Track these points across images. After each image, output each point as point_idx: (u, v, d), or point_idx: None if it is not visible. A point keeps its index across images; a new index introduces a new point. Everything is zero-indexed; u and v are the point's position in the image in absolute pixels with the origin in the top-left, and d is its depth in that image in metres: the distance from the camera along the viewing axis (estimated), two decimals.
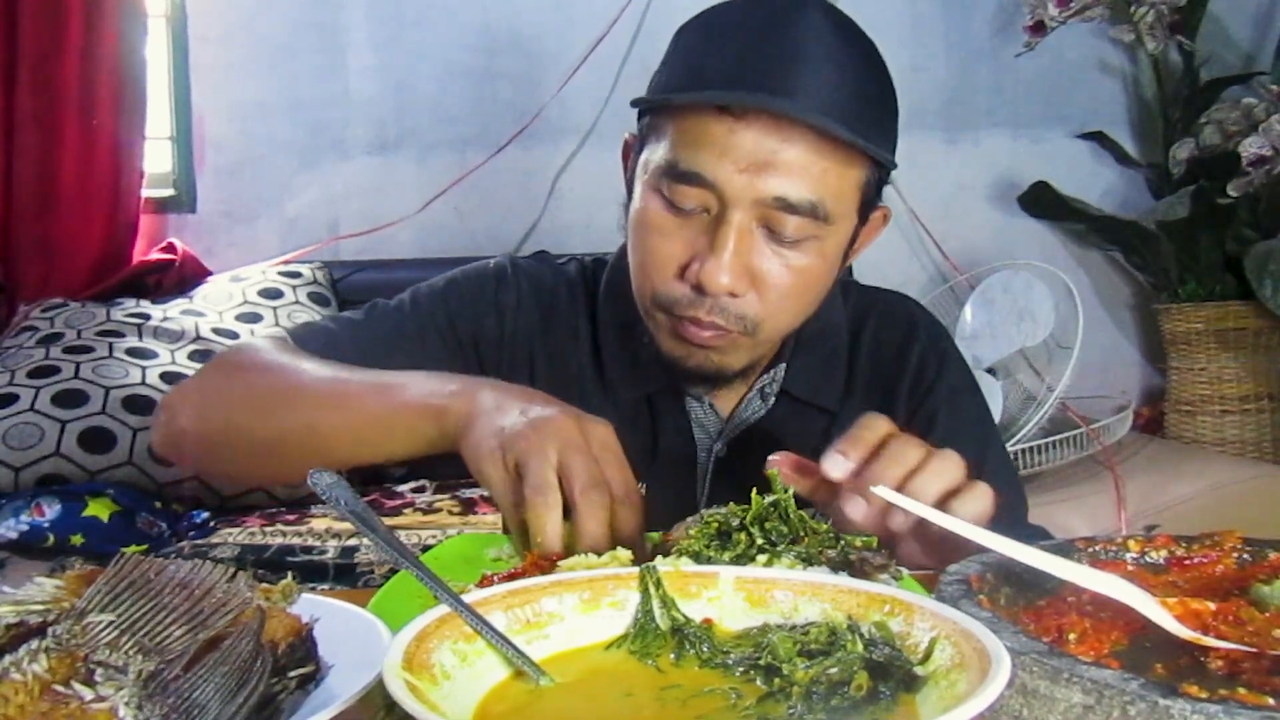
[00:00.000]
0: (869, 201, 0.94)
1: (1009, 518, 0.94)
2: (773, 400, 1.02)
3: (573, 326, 1.04)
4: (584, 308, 1.05)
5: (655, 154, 0.90)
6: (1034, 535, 1.01)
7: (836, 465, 0.73)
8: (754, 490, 0.69)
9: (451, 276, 1.06)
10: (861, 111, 0.88)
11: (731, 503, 0.70)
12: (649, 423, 1.02)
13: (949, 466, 0.73)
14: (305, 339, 0.99)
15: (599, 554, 0.67)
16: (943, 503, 0.71)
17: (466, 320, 1.03)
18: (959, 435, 0.99)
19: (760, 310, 0.89)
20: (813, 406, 1.02)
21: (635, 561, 0.64)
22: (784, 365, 1.02)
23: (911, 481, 0.72)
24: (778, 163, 0.85)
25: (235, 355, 1.00)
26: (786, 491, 0.68)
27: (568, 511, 0.72)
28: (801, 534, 0.65)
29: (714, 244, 0.86)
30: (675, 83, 0.90)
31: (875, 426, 0.76)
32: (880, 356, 1.06)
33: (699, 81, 0.87)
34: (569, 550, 0.69)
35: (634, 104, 0.94)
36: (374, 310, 1.04)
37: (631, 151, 0.98)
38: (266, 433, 0.89)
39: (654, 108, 0.92)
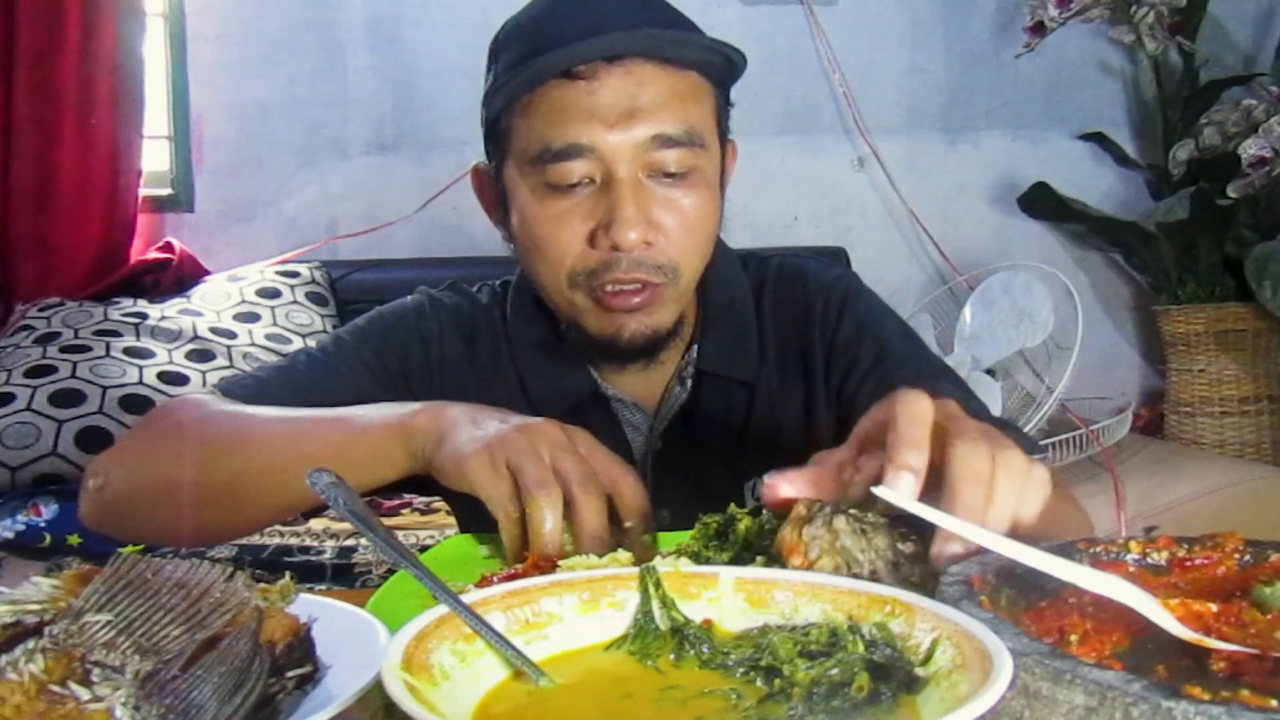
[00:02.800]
0: (724, 128, 0.97)
1: (972, 416, 0.86)
2: (691, 384, 1.02)
3: (494, 350, 1.04)
4: (501, 330, 1.05)
5: (522, 153, 0.91)
6: (1002, 429, 0.92)
7: (901, 486, 0.59)
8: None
9: (370, 316, 1.06)
10: (682, 23, 0.92)
11: (732, 504, 0.70)
12: None
13: (1014, 465, 0.61)
14: (235, 391, 0.96)
15: (599, 555, 0.67)
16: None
17: (393, 353, 1.01)
18: (887, 359, 1.01)
19: (673, 253, 0.91)
20: (731, 380, 1.02)
21: (636, 561, 0.64)
22: (696, 346, 1.02)
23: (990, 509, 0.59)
24: (642, 106, 0.87)
25: (166, 412, 0.95)
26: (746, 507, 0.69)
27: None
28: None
29: (613, 205, 0.88)
30: (513, 78, 0.90)
31: (918, 415, 0.61)
32: (784, 316, 1.06)
33: (535, 62, 0.88)
34: (560, 553, 0.69)
35: (488, 115, 0.94)
36: (300, 356, 1.03)
37: (484, 179, 1.00)
38: (218, 480, 0.86)
39: (502, 113, 0.93)
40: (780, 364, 1.04)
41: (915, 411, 0.61)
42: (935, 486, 0.60)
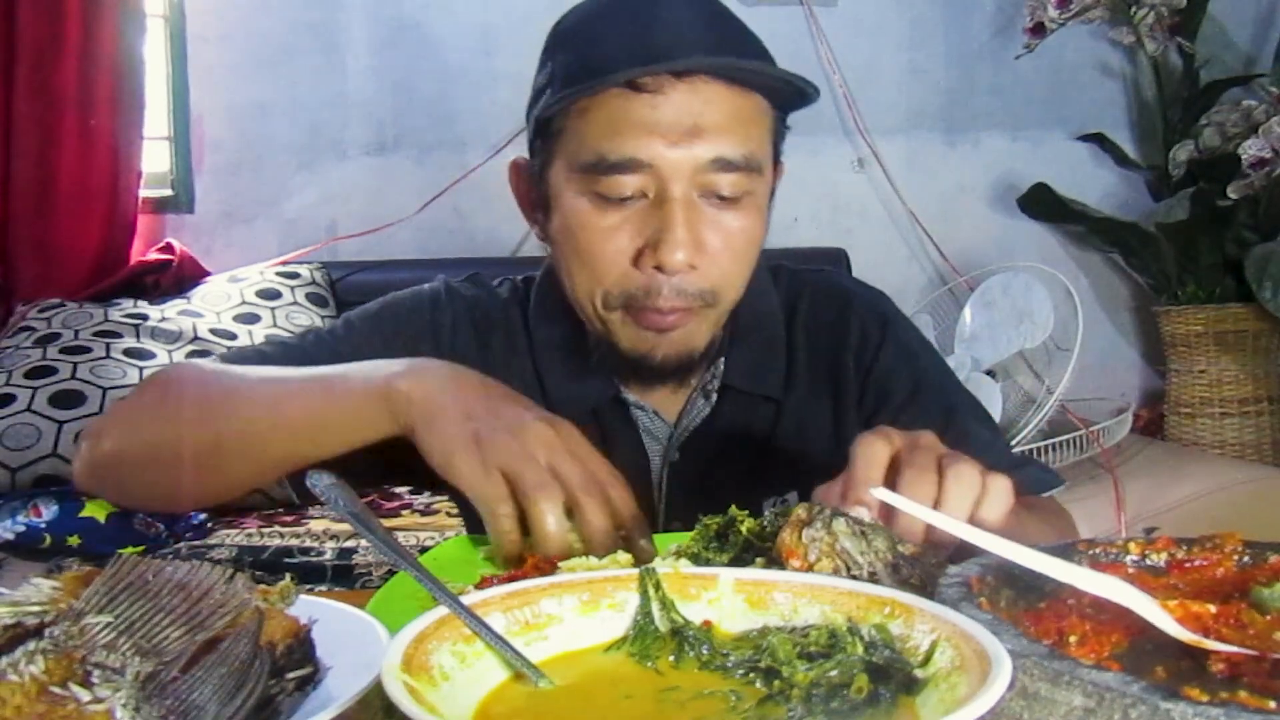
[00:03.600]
0: (778, 149, 0.95)
1: (995, 452, 0.94)
2: (715, 397, 1.00)
3: (511, 346, 1.02)
4: (520, 327, 1.03)
5: (573, 157, 0.88)
6: (1022, 464, 1.01)
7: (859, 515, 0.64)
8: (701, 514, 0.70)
9: (385, 301, 1.04)
10: (753, 46, 0.89)
11: (733, 506, 0.70)
12: (598, 438, 0.97)
13: (965, 476, 0.67)
14: (238, 361, 0.96)
15: (599, 556, 0.67)
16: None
17: (402, 344, 0.98)
18: (921, 393, 1.00)
19: (716, 277, 0.89)
20: (757, 396, 1.00)
21: (636, 561, 0.64)
22: (723, 359, 1.00)
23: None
24: (704, 126, 0.84)
25: (164, 374, 0.97)
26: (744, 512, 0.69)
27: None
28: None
29: (664, 224, 0.85)
30: (575, 81, 0.87)
31: (872, 457, 0.69)
32: (818, 335, 1.04)
33: (601, 70, 0.85)
34: (565, 553, 0.69)
35: (540, 115, 0.90)
36: (308, 335, 1.03)
37: (522, 174, 0.97)
38: (199, 442, 0.86)
39: (554, 117, 0.89)
40: (810, 382, 1.02)
41: (870, 454, 0.69)
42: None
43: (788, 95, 0.90)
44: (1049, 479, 1.02)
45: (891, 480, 0.67)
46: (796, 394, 1.01)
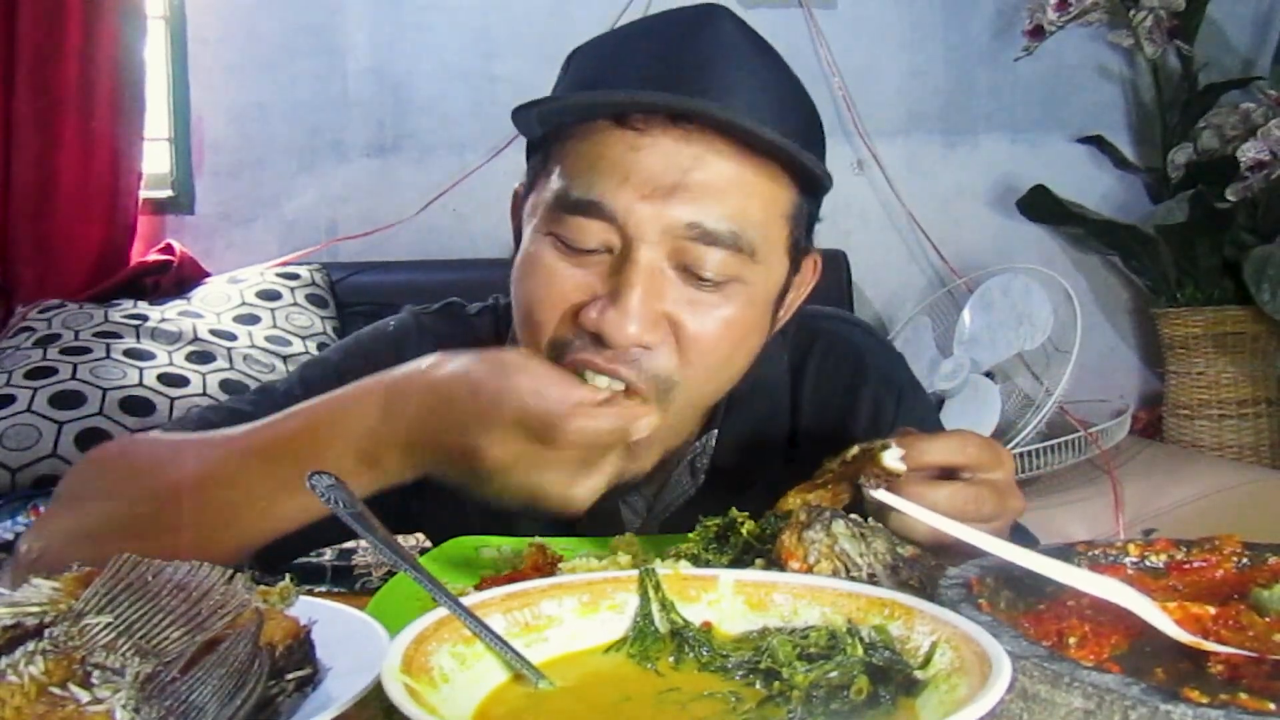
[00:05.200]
0: (799, 241, 0.81)
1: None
2: (703, 478, 0.88)
3: None
4: None
5: (545, 190, 0.76)
6: (1021, 535, 0.98)
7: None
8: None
9: (346, 347, 0.93)
10: (787, 120, 0.75)
11: (733, 508, 0.70)
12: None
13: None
14: (181, 429, 0.86)
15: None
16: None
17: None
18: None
19: (677, 367, 0.75)
20: (751, 477, 0.87)
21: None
22: (714, 433, 0.88)
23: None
24: (689, 184, 0.72)
25: (90, 473, 0.84)
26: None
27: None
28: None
29: (618, 286, 0.72)
30: (556, 104, 0.77)
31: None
32: (827, 403, 0.92)
33: (587, 89, 0.75)
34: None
35: (515, 114, 0.77)
36: (263, 395, 0.90)
37: (519, 201, 0.85)
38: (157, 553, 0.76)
39: (545, 140, 0.78)
40: (812, 456, 0.89)
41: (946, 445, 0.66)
42: None
43: (810, 176, 0.78)
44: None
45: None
46: (798, 465, 0.85)
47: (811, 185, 0.79)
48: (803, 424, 0.92)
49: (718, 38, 0.76)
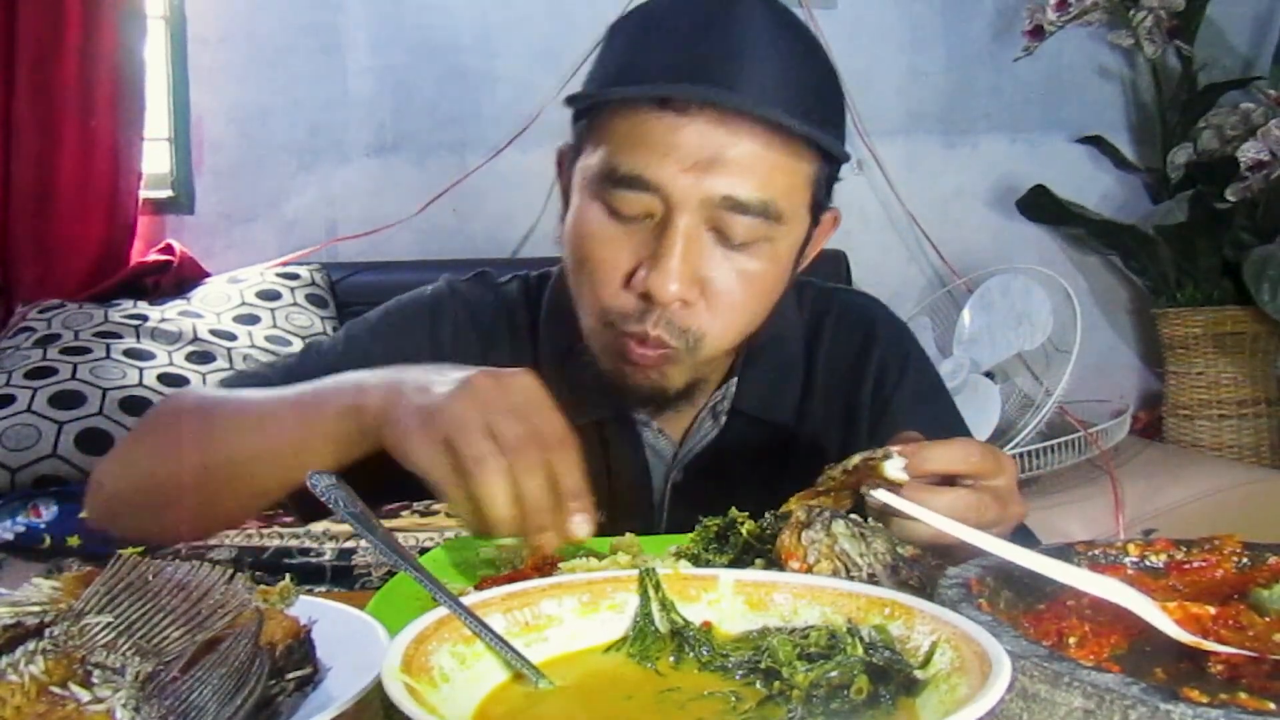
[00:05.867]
0: (819, 201, 0.90)
1: None
2: (724, 420, 0.97)
3: (516, 350, 0.99)
4: (527, 331, 1.00)
5: (593, 159, 0.85)
6: (1022, 536, 1.00)
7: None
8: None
9: (387, 309, 1.02)
10: (809, 103, 0.84)
11: (734, 509, 0.70)
12: (601, 451, 0.96)
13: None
14: (237, 384, 0.95)
15: (531, 532, 0.66)
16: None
17: (401, 359, 0.90)
18: (934, 438, 0.97)
19: (707, 321, 0.85)
20: (768, 422, 0.98)
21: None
22: (735, 380, 0.97)
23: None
24: (725, 160, 0.81)
25: (157, 410, 0.95)
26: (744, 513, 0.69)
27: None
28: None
29: (660, 250, 0.82)
30: (611, 80, 0.86)
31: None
32: (838, 362, 1.01)
33: (637, 77, 0.83)
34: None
35: (568, 102, 0.88)
36: (309, 351, 1.01)
37: (565, 161, 0.93)
38: (190, 476, 0.84)
39: (591, 109, 0.87)
40: (824, 410, 1.00)
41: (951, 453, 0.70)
42: None
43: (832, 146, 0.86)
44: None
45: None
46: (809, 421, 0.99)
47: (832, 154, 0.88)
48: (816, 379, 1.01)
49: (748, 21, 0.83)
